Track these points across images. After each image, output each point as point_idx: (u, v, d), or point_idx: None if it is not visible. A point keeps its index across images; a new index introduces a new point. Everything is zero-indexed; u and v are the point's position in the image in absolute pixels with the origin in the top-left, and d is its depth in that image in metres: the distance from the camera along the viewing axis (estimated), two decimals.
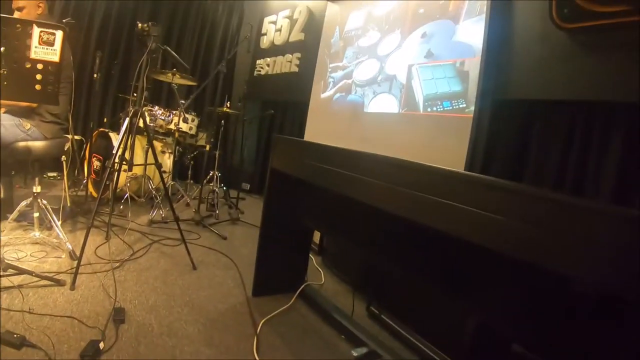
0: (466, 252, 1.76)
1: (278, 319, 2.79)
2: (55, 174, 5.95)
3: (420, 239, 2.08)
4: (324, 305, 2.96)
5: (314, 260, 3.91)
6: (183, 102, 5.18)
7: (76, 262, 2.89)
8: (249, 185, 7.19)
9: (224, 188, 6.01)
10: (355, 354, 2.37)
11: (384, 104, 4.69)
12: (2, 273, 2.54)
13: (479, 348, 2.10)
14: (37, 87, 2.49)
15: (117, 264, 3.24)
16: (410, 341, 2.60)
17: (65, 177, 4.05)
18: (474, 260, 1.79)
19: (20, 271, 2.68)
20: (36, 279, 2.71)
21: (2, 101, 3.05)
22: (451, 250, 1.89)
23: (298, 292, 3.13)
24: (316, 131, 5.69)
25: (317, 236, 4.19)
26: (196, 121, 5.41)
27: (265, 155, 7.00)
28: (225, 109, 5.47)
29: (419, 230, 1.81)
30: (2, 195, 3.72)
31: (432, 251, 2.06)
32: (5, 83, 2.34)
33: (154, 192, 4.84)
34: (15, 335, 2.06)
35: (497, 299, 1.76)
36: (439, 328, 2.52)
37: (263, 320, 2.70)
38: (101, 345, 2.12)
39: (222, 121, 5.64)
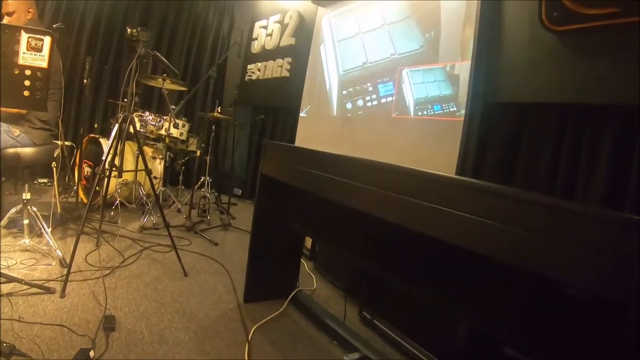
0: (458, 256, 1.75)
1: (270, 325, 2.78)
2: (45, 181, 5.91)
3: (412, 243, 2.07)
4: (316, 310, 2.95)
5: (305, 265, 3.90)
6: (173, 107, 5.17)
7: (66, 269, 2.87)
8: (240, 191, 7.17)
9: (215, 193, 6.00)
10: (347, 359, 2.36)
11: (375, 108, 4.69)
12: None
13: (472, 352, 2.10)
14: (26, 93, 2.47)
15: (108, 271, 3.22)
16: (403, 346, 2.59)
17: (55, 184, 4.03)
18: (466, 265, 1.78)
19: (10, 279, 2.65)
20: (26, 286, 2.68)
21: None
22: (443, 255, 1.89)
23: (290, 297, 3.12)
24: (307, 136, 5.69)
25: (308, 241, 4.18)
26: (187, 126, 5.40)
27: (257, 160, 6.95)
28: (216, 114, 5.45)
29: (410, 235, 1.80)
30: None
31: (424, 256, 2.05)
32: None
33: (144, 198, 4.81)
34: (4, 344, 2.04)
35: (489, 303, 1.76)
36: (432, 332, 2.52)
37: (255, 327, 2.69)
38: (91, 353, 2.10)
39: (213, 126, 5.62)
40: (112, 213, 4.61)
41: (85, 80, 5.29)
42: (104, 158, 3.44)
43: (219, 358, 2.33)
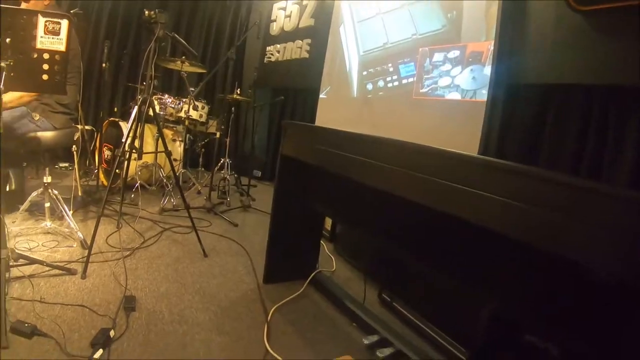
0: (480, 239, 1.72)
1: (289, 306, 2.78)
2: (66, 164, 5.97)
3: (434, 225, 2.05)
4: (336, 292, 2.94)
5: (325, 247, 3.90)
6: (193, 89, 5.18)
7: (87, 250, 2.90)
8: (260, 173, 7.19)
9: (235, 175, 6.01)
10: (366, 341, 2.35)
11: (396, 89, 4.64)
12: (13, 263, 2.54)
13: (492, 337, 2.07)
14: (44, 77, 2.47)
15: (128, 252, 3.24)
16: (422, 329, 2.58)
17: (76, 167, 4.06)
18: (488, 248, 1.75)
19: (32, 261, 2.68)
20: (47, 268, 2.71)
21: (11, 97, 3.07)
22: (465, 237, 1.86)
23: (309, 279, 3.12)
24: (327, 117, 5.66)
25: (328, 222, 4.17)
26: (206, 109, 5.41)
27: (277, 142, 6.97)
28: (235, 96, 5.45)
29: (432, 217, 1.77)
30: (13, 187, 3.74)
31: (446, 238, 2.03)
32: (12, 74, 2.32)
33: (164, 180, 4.84)
34: (26, 325, 2.06)
35: (511, 288, 1.73)
36: (452, 316, 2.50)
37: (274, 308, 2.69)
38: (112, 333, 2.12)
39: (233, 108, 5.63)
40: (132, 195, 4.63)
41: (104, 65, 5.29)
42: (123, 141, 3.45)
43: (239, 338, 2.34)
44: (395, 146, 1.96)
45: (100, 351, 1.98)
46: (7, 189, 3.69)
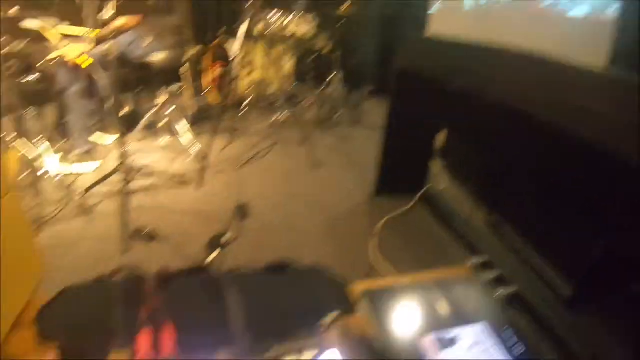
0: (601, 166, 1.58)
1: (398, 220, 2.76)
2: (179, 85, 6.15)
3: (551, 147, 1.91)
4: (444, 209, 2.89)
5: (436, 163, 3.81)
6: (301, 2, 5.09)
7: (202, 163, 3.01)
8: (371, 87, 7.06)
9: (346, 90, 5.94)
10: (472, 261, 2.30)
11: (512, 2, 4.32)
12: (134, 176, 2.69)
13: (601, 277, 1.94)
14: (150, 2, 2.54)
15: (241, 165, 3.34)
16: (528, 257, 2.47)
17: (188, 86, 4.17)
18: (609, 176, 1.60)
19: (151, 173, 2.83)
20: (165, 180, 2.86)
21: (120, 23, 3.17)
22: (584, 164, 1.72)
23: (419, 195, 3.07)
24: (438, 32, 5.40)
25: (441, 138, 4.06)
26: (315, 23, 5.31)
27: (387, 56, 6.78)
28: (344, 9, 5.31)
29: (551, 138, 1.65)
30: (130, 109, 3.93)
31: (563, 163, 1.89)
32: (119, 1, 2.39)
33: (275, 96, 4.88)
34: (145, 230, 2.20)
35: (629, 226, 1.58)
36: (561, 248, 2.36)
37: (383, 220, 2.68)
38: (226, 237, 2.21)
39: (342, 22, 5.50)
40: (244, 111, 4.71)
41: None
42: (233, 59, 3.49)
43: (347, 248, 2.37)
44: (521, 58, 1.83)
45: (215, 253, 2.07)
46: (124, 111, 3.88)
